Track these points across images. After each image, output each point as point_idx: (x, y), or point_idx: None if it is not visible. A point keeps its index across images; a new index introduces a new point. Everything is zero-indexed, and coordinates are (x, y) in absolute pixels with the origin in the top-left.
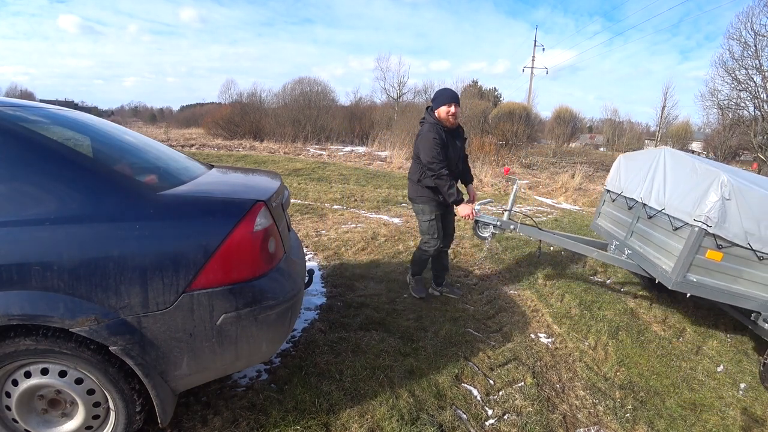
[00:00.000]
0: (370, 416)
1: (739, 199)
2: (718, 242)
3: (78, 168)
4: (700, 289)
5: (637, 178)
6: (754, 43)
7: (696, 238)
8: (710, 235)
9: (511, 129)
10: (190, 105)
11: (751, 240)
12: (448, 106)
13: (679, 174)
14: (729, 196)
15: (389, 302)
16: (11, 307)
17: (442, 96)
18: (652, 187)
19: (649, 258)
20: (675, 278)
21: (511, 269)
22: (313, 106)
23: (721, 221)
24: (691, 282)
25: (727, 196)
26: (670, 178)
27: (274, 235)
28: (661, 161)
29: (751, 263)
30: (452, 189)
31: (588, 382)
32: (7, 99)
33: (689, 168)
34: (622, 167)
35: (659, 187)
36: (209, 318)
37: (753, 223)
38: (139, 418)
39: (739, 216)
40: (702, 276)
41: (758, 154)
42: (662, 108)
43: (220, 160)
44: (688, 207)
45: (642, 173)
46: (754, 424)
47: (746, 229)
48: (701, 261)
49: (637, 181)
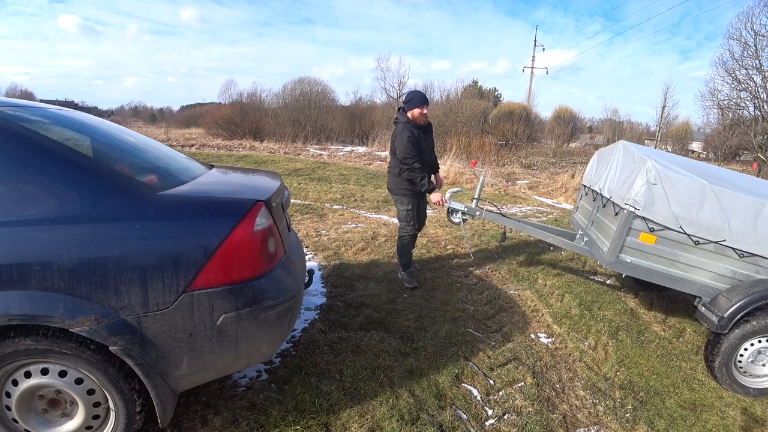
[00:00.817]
0: (370, 416)
1: (666, 184)
2: (650, 225)
3: (78, 168)
4: (635, 270)
5: (601, 170)
6: (754, 43)
7: (626, 220)
8: (640, 218)
9: (511, 129)
10: (190, 105)
11: (684, 224)
12: (420, 108)
13: (624, 164)
14: (654, 181)
15: (389, 302)
16: (11, 307)
17: (415, 98)
18: (607, 178)
19: (596, 243)
20: (608, 258)
21: (511, 269)
22: (313, 106)
23: (649, 204)
24: (624, 262)
25: (652, 180)
26: (618, 168)
27: (274, 235)
28: (617, 153)
29: (687, 247)
30: (424, 180)
31: (588, 382)
32: (7, 99)
33: (630, 158)
34: (595, 162)
35: (612, 177)
36: (209, 318)
37: (683, 207)
38: (139, 418)
39: (667, 200)
40: (637, 258)
41: (758, 154)
42: (662, 108)
43: (220, 160)
44: (624, 193)
45: (604, 166)
46: (754, 424)
47: (676, 213)
48: (635, 243)
49: (600, 174)
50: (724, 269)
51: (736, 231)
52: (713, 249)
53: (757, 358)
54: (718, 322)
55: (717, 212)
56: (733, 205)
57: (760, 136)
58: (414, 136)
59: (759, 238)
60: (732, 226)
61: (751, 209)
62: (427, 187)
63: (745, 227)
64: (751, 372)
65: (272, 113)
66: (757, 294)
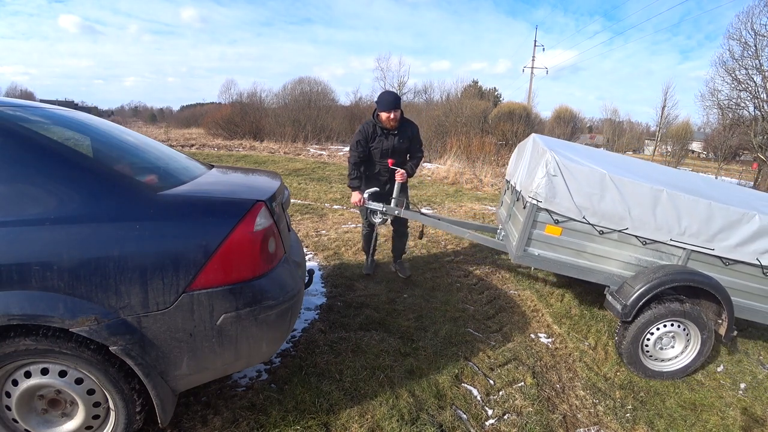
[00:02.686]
0: (370, 416)
1: (567, 175)
2: (554, 217)
3: (78, 168)
4: (543, 263)
5: (517, 164)
6: (754, 43)
7: (530, 213)
8: (544, 210)
9: (511, 129)
10: (190, 105)
11: (587, 214)
12: (387, 113)
13: (532, 157)
14: (554, 172)
15: (389, 302)
16: (11, 307)
17: (382, 102)
18: (520, 171)
19: (509, 237)
20: (516, 252)
21: (511, 269)
22: (313, 106)
23: (551, 196)
24: (533, 255)
25: (552, 172)
26: (527, 162)
27: (274, 235)
28: (528, 147)
29: (592, 237)
30: (351, 176)
31: (588, 382)
32: (7, 99)
33: (537, 150)
34: (514, 156)
35: (522, 170)
36: (209, 318)
37: (584, 197)
38: (139, 418)
39: (568, 191)
40: (544, 250)
41: (758, 154)
42: (662, 108)
43: (220, 160)
44: (529, 185)
45: (520, 160)
46: (754, 424)
47: (579, 204)
48: (541, 236)
49: (516, 168)
50: (629, 257)
51: (638, 219)
52: (617, 237)
53: (663, 342)
54: (622, 310)
55: (618, 201)
56: (632, 193)
57: (760, 136)
58: (365, 135)
59: (659, 225)
60: (633, 214)
61: (650, 196)
62: (349, 183)
63: (645, 215)
64: (657, 356)
65: (272, 113)
66: (658, 280)
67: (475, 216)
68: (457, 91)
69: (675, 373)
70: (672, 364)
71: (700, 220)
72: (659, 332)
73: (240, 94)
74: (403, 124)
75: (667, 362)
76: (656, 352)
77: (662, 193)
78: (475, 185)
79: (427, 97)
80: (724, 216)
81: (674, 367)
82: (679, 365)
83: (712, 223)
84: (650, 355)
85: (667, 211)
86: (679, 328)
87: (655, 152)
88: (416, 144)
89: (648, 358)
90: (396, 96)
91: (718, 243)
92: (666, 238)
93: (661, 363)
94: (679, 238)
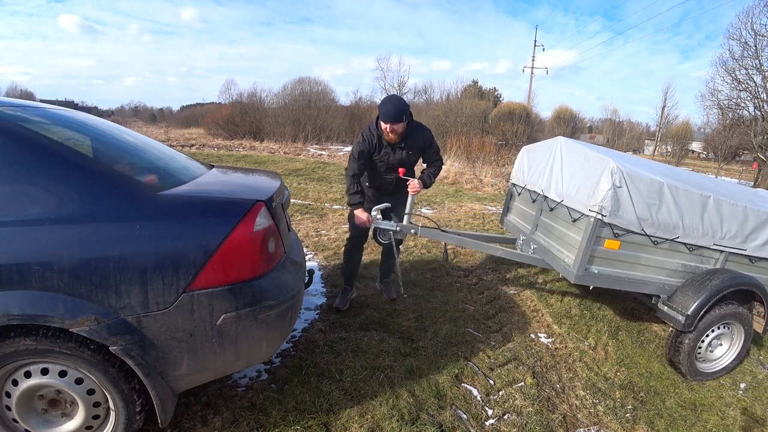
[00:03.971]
0: (370, 416)
1: (630, 186)
2: (615, 231)
3: (78, 168)
4: (602, 281)
5: (539, 170)
6: (754, 43)
7: (593, 228)
8: (606, 224)
9: (511, 129)
10: (190, 105)
11: (645, 225)
12: (384, 125)
13: (574, 164)
14: (620, 184)
15: (389, 302)
16: (11, 307)
17: (381, 111)
18: (551, 178)
19: (552, 252)
20: (577, 272)
21: (511, 269)
22: (313, 106)
23: (615, 209)
24: (593, 274)
25: (618, 183)
26: (566, 168)
27: (274, 235)
28: (558, 152)
29: (647, 248)
30: (350, 191)
31: (588, 382)
32: (7, 99)
33: (582, 157)
34: (525, 159)
35: (557, 178)
36: (209, 318)
37: (645, 208)
38: (139, 418)
39: (632, 202)
40: (603, 267)
41: (758, 154)
42: (662, 108)
43: (220, 160)
44: (583, 197)
45: (542, 165)
46: (754, 424)
47: (639, 215)
48: (601, 252)
49: (538, 173)
50: (676, 264)
51: (689, 226)
52: (668, 246)
53: (713, 344)
54: (685, 321)
55: (673, 210)
56: (684, 201)
57: (760, 136)
58: (367, 146)
59: (705, 231)
60: (685, 222)
61: (699, 203)
62: (348, 200)
63: (695, 221)
64: (707, 358)
65: (272, 113)
66: (716, 287)
67: (475, 216)
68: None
69: (721, 371)
70: (719, 363)
71: (738, 223)
72: (712, 335)
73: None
74: (412, 133)
75: (715, 362)
76: (707, 354)
77: (709, 200)
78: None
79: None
80: (755, 218)
81: (720, 366)
82: (724, 363)
83: (746, 224)
84: (702, 358)
85: (712, 216)
86: (726, 329)
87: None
88: (431, 151)
89: (699, 362)
90: (399, 107)
91: (750, 243)
92: (710, 243)
93: (709, 364)
94: (720, 241)
